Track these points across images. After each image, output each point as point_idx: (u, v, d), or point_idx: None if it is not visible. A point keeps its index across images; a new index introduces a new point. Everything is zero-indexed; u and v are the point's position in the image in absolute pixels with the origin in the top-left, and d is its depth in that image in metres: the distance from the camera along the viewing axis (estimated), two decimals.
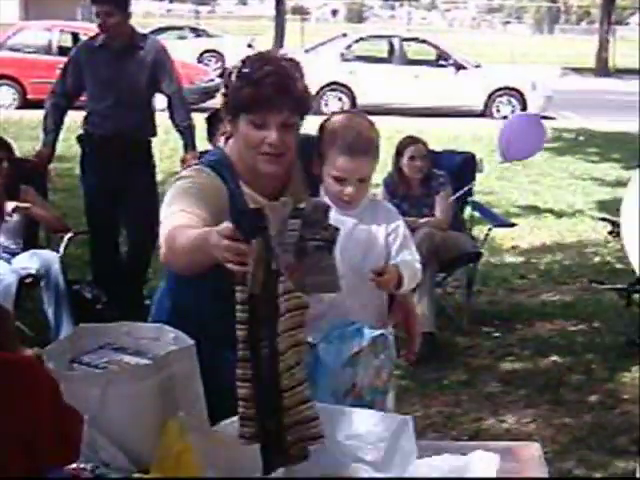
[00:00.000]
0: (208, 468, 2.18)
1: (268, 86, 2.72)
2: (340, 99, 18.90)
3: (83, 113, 6.43)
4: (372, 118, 3.13)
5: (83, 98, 6.45)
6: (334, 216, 2.91)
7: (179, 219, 2.64)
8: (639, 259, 3.08)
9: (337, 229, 2.61)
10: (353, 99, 18.84)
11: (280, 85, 2.74)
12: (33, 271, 5.85)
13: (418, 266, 3.04)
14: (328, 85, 18.84)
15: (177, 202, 2.72)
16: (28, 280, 5.88)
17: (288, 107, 2.75)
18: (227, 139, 2.98)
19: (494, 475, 2.28)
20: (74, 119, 6.73)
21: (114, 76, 6.18)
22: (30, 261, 5.91)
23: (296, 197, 2.72)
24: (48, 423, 1.65)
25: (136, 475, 2.23)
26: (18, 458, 1.64)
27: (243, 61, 2.82)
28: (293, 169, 2.94)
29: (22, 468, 1.64)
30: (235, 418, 2.29)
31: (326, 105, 18.78)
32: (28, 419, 1.62)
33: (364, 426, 2.34)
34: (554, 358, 6.06)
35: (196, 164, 2.95)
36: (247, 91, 2.74)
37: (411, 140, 6.66)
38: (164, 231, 2.65)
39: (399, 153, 6.59)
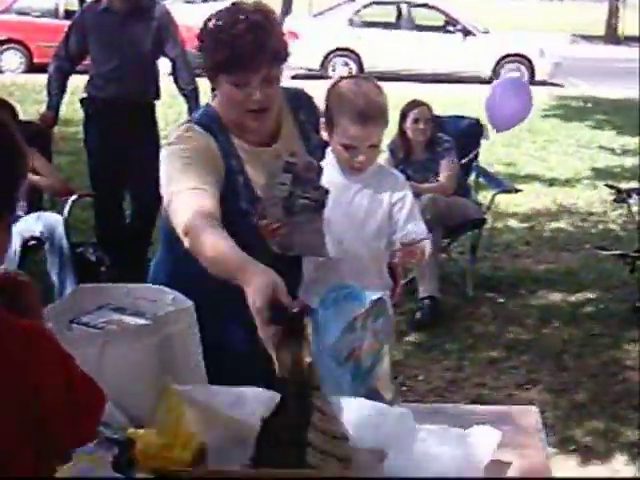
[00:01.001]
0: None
1: (244, 46, 2.66)
2: (347, 64, 18.80)
3: (87, 77, 6.41)
4: (382, 84, 3.09)
5: (87, 62, 6.43)
6: (341, 181, 2.91)
7: (192, 201, 2.60)
8: None
9: (327, 191, 2.62)
10: (360, 65, 18.73)
11: (257, 44, 2.68)
12: (37, 234, 5.86)
13: (428, 240, 2.97)
14: (335, 50, 18.76)
15: (180, 176, 2.69)
16: (32, 243, 5.89)
17: (267, 63, 2.71)
18: (214, 91, 2.96)
19: (493, 448, 2.27)
20: (79, 82, 6.70)
21: (118, 39, 6.16)
22: (34, 224, 5.91)
23: (289, 150, 2.74)
24: (55, 394, 1.62)
25: (130, 430, 2.23)
26: (29, 439, 1.62)
27: (216, 16, 2.76)
28: (281, 119, 2.91)
29: (33, 448, 1.63)
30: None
31: (333, 70, 18.71)
32: (27, 389, 1.60)
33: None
34: (557, 324, 6.06)
35: (185, 122, 2.92)
36: (223, 52, 2.69)
37: (415, 103, 6.63)
38: (182, 218, 2.58)
39: (403, 117, 6.57)
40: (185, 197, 2.63)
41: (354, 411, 2.29)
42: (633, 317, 6.12)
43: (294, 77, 16.20)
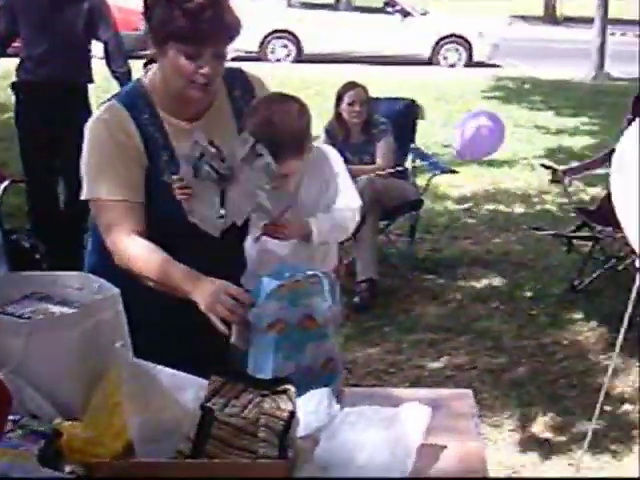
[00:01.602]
0: (135, 421, 2.13)
1: (206, 21, 2.65)
2: (286, 46, 18.73)
3: (17, 60, 6.29)
4: (318, 66, 3.04)
5: (18, 44, 6.31)
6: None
7: (120, 219, 2.74)
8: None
9: (231, 168, 2.68)
10: (299, 47, 18.68)
11: (218, 20, 2.67)
12: None
13: (347, 214, 2.91)
14: (274, 32, 18.66)
15: (99, 176, 2.76)
16: None
17: (222, 39, 2.71)
18: (145, 65, 2.93)
19: (424, 427, 2.26)
20: (11, 66, 6.58)
21: (49, 21, 6.05)
22: None
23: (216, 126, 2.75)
24: None
25: (57, 420, 2.18)
26: None
27: None
28: (216, 95, 2.88)
29: None
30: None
31: (272, 52, 18.66)
32: None
33: None
34: (495, 305, 6.09)
35: (109, 99, 2.88)
36: (182, 22, 2.65)
37: (350, 85, 6.61)
38: (111, 238, 2.76)
39: (339, 98, 6.55)
40: (111, 214, 2.75)
41: None
42: (571, 297, 6.17)
43: (233, 59, 16.08)
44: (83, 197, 2.81)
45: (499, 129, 6.90)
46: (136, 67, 6.14)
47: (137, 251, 2.71)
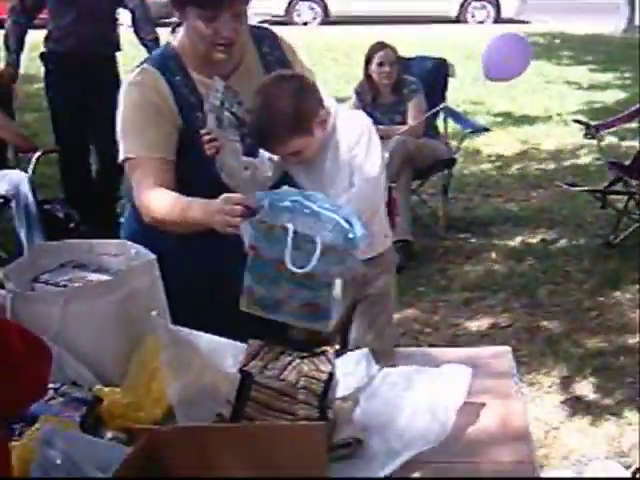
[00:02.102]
0: (175, 386, 2.14)
1: None
2: (313, 9, 18.64)
3: (45, 31, 6.30)
4: (345, 28, 3.01)
5: (44, 15, 6.31)
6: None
7: (149, 176, 2.74)
8: None
9: (248, 111, 2.70)
10: (325, 9, 18.57)
11: None
12: (2, 192, 5.79)
13: (366, 189, 2.80)
14: None
15: (134, 135, 2.79)
16: None
17: (238, 0, 2.71)
18: (173, 30, 2.93)
19: (465, 388, 2.25)
20: (41, 37, 6.59)
21: None
22: None
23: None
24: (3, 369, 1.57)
25: (97, 387, 2.20)
26: None
27: None
28: (244, 53, 2.90)
29: None
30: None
31: (299, 15, 18.56)
32: None
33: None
34: (530, 262, 6.05)
35: (141, 62, 2.89)
36: None
37: (379, 46, 6.56)
38: (139, 193, 2.76)
39: (368, 60, 6.51)
40: (143, 170, 2.76)
41: None
42: (606, 252, 6.12)
43: (260, 23, 16.02)
44: (120, 159, 2.81)
45: (526, 51, 6.80)
46: (163, 35, 6.13)
47: (159, 198, 2.71)
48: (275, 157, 2.84)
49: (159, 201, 2.71)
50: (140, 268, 2.43)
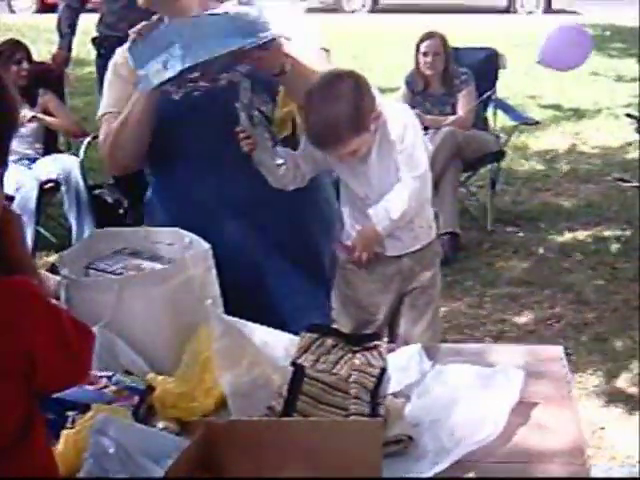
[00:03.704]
0: (227, 377, 2.14)
1: None
2: None
3: (97, 15, 6.32)
4: (394, 16, 2.99)
5: (96, 0, 6.34)
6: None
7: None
8: None
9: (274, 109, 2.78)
10: None
11: None
12: (54, 176, 5.84)
13: (403, 190, 2.83)
14: None
15: (105, 93, 3.01)
16: (49, 185, 5.86)
17: None
18: None
19: (518, 391, 2.23)
20: (92, 22, 6.62)
21: None
22: (50, 166, 5.89)
23: None
24: (48, 352, 1.59)
25: (150, 375, 2.21)
26: (17, 396, 1.59)
27: None
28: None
29: (20, 404, 1.60)
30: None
31: (348, 3, 18.47)
32: (21, 355, 1.56)
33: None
34: (579, 258, 6.00)
35: None
36: None
37: (426, 36, 6.53)
38: (102, 136, 2.97)
39: (417, 49, 6.49)
40: (107, 122, 2.93)
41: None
42: None
43: (309, 10, 16.01)
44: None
45: (587, 42, 6.73)
46: None
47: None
48: (316, 152, 2.83)
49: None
50: (195, 257, 2.44)
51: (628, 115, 7.16)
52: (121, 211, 6.03)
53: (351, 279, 3.03)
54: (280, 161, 2.79)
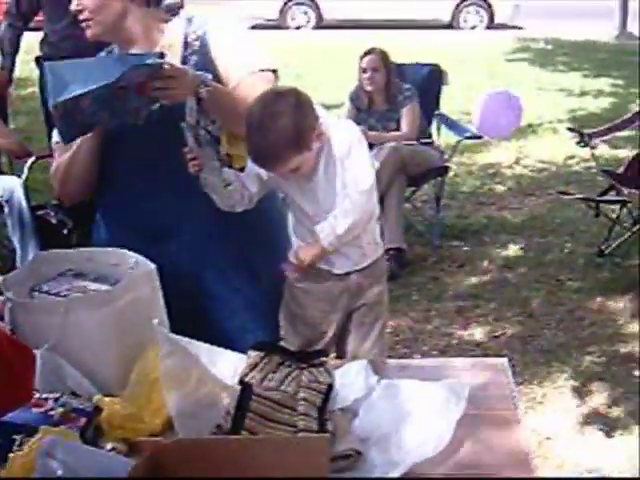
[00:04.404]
0: (174, 396, 2.14)
1: None
2: (306, 13, 18.63)
3: (40, 34, 6.29)
4: (339, 32, 3.01)
5: (39, 18, 6.30)
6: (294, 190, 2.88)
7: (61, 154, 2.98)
8: None
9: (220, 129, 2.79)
10: (319, 13, 18.58)
11: None
12: None
13: (358, 199, 2.83)
14: None
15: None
16: None
17: None
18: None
19: (463, 403, 2.26)
20: (34, 40, 6.59)
21: None
22: None
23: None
24: None
25: (97, 397, 2.20)
26: None
27: None
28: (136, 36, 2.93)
29: None
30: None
31: (293, 19, 18.56)
32: None
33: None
34: (523, 271, 6.07)
35: None
36: None
37: (366, 52, 6.60)
38: (54, 166, 3.04)
39: (360, 66, 6.55)
40: (58, 153, 3.01)
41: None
42: (599, 261, 6.14)
43: (253, 27, 16.04)
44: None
45: (517, 106, 6.86)
46: None
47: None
48: (263, 172, 2.85)
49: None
50: (140, 278, 2.44)
51: (570, 129, 7.24)
52: (65, 231, 5.97)
53: (300, 298, 3.04)
54: (228, 181, 2.81)
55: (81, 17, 2.86)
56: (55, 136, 2.97)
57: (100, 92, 2.54)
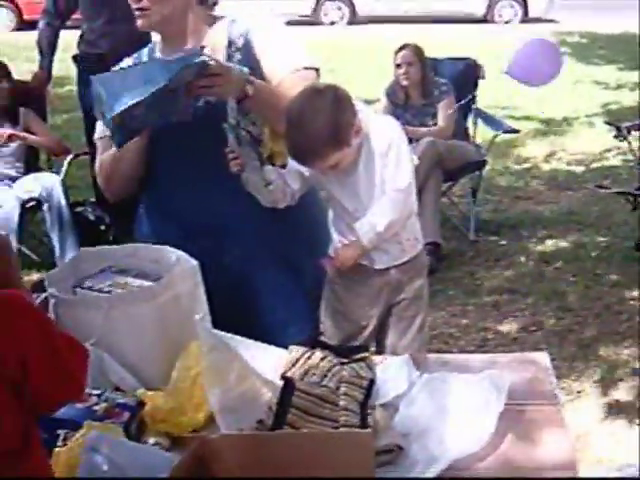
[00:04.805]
0: (216, 392, 2.16)
1: None
2: (340, 8, 18.60)
3: (78, 32, 6.33)
4: (372, 27, 3.01)
5: (77, 16, 6.35)
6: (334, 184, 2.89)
7: (105, 150, 3.02)
8: None
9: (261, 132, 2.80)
10: (353, 9, 18.55)
11: None
12: (35, 194, 5.84)
13: (397, 197, 2.85)
14: None
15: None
16: (30, 204, 5.86)
17: None
18: None
19: (504, 396, 2.25)
20: (72, 38, 6.64)
21: None
22: (31, 185, 5.89)
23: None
24: (41, 362, 1.61)
25: (140, 391, 2.22)
26: (10, 402, 1.61)
27: None
28: (196, 33, 2.92)
29: (15, 411, 1.62)
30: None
31: (325, 15, 18.54)
32: (15, 360, 1.59)
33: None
34: (559, 265, 6.04)
35: None
36: None
37: (400, 47, 6.58)
38: (97, 163, 3.11)
39: (395, 61, 6.54)
40: (101, 148, 3.06)
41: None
42: (635, 255, 6.09)
43: (287, 23, 16.03)
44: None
45: (557, 61, 6.78)
46: None
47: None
48: (304, 169, 2.86)
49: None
50: (182, 274, 2.46)
51: (608, 123, 7.20)
52: (103, 228, 6.04)
53: (340, 293, 3.06)
54: (269, 180, 2.82)
55: (138, 5, 2.82)
56: (98, 131, 2.98)
57: (152, 98, 2.55)
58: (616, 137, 6.74)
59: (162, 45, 3.01)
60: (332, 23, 18.33)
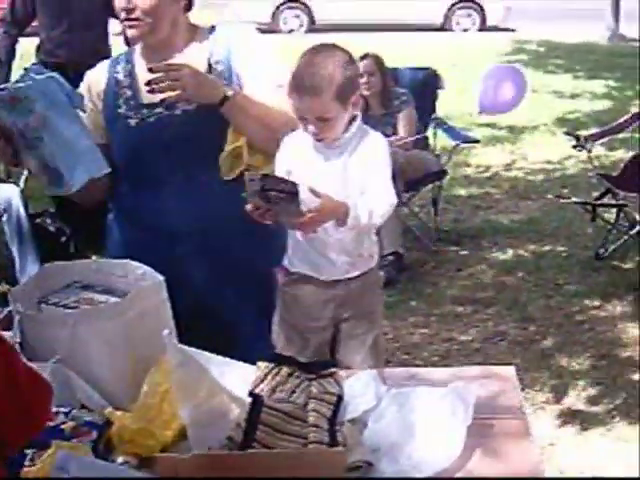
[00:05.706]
0: (187, 407, 2.13)
1: None
2: (298, 16, 18.64)
3: (36, 40, 6.30)
4: (331, 35, 3.05)
5: (35, 24, 6.31)
6: (318, 148, 2.86)
7: None
8: None
9: (295, 184, 2.64)
10: (311, 17, 18.58)
11: None
12: None
13: (379, 200, 2.82)
14: (286, 2, 18.58)
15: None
16: None
17: None
18: None
19: (471, 408, 2.25)
20: (29, 46, 6.59)
21: (66, 1, 6.02)
22: None
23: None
24: (8, 402, 1.57)
25: (108, 410, 2.20)
26: None
27: None
28: (181, 40, 2.93)
29: None
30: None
31: (285, 23, 18.56)
32: None
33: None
34: (521, 275, 6.08)
35: None
36: None
37: (361, 57, 6.57)
38: None
39: None
40: None
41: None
42: (596, 265, 6.15)
43: None
44: None
45: (521, 83, 6.84)
46: None
47: None
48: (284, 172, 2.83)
49: None
50: (148, 289, 2.44)
51: (567, 133, 7.25)
52: (63, 239, 5.98)
53: (288, 303, 3.01)
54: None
55: (130, 15, 2.80)
56: None
57: None
58: (575, 147, 6.79)
59: (145, 52, 2.98)
60: (290, 31, 18.34)
